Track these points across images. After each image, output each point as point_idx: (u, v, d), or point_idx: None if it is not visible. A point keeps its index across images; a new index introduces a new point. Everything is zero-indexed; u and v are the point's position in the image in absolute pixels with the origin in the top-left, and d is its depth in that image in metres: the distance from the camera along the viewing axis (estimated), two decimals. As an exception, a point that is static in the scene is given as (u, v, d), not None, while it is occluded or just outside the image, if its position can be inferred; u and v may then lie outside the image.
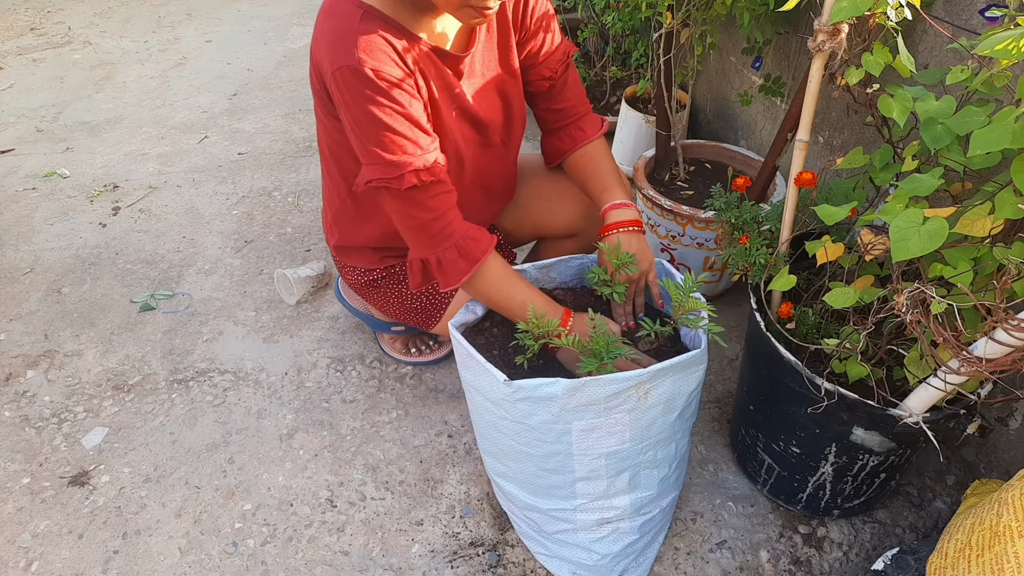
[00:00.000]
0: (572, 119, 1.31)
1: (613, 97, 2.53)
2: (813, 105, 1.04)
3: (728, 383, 1.61)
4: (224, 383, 1.61)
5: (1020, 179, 0.77)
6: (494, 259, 1.12)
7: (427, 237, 1.10)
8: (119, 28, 3.59)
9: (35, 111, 2.80)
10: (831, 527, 1.30)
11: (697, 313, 1.06)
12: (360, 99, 1.00)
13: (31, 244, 2.06)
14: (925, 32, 1.27)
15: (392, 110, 1.01)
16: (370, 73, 0.98)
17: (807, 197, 1.18)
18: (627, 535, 1.14)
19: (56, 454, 1.45)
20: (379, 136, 1.02)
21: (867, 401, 1.02)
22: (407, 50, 1.04)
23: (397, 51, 1.02)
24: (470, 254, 1.10)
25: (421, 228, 1.10)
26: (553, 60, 1.24)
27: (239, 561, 1.27)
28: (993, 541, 0.82)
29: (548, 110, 1.31)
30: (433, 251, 1.11)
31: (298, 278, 1.79)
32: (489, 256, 1.12)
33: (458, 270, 1.11)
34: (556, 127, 1.33)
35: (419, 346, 1.64)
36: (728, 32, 1.99)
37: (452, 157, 1.18)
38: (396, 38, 1.02)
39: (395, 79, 1.00)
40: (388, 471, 1.42)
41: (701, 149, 1.87)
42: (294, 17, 3.74)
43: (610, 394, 0.95)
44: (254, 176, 2.38)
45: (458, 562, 1.26)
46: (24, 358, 1.68)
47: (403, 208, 1.08)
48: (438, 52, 1.09)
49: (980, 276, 0.88)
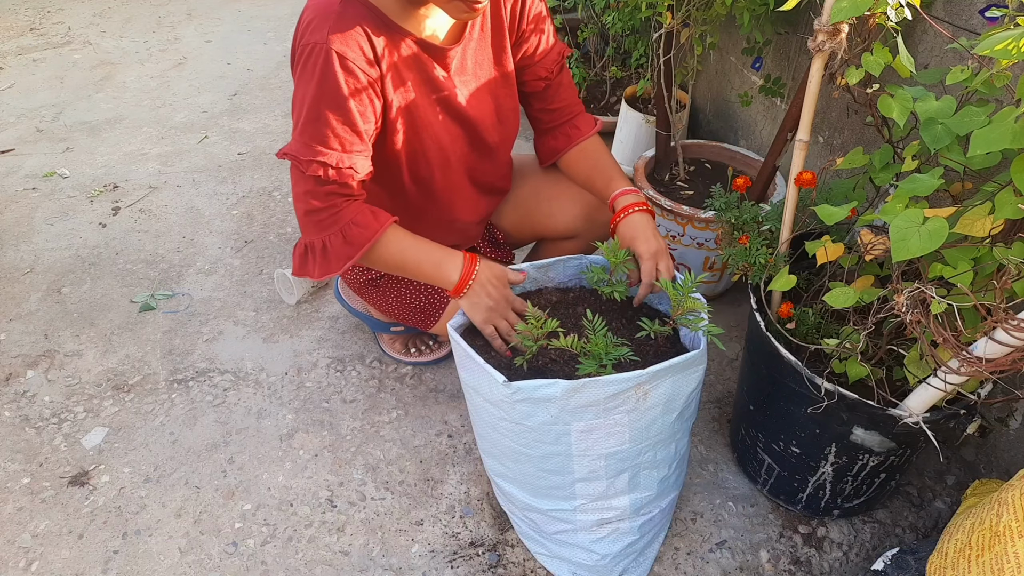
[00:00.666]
0: (566, 118, 1.32)
1: (613, 97, 2.53)
2: (813, 105, 1.04)
3: (728, 383, 1.61)
4: (224, 383, 1.61)
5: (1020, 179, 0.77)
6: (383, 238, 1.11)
7: (315, 223, 1.11)
8: (119, 28, 3.60)
9: (35, 111, 2.80)
10: (831, 527, 1.30)
11: (696, 313, 1.06)
12: (312, 77, 1.00)
13: (31, 244, 2.06)
14: (925, 32, 1.26)
15: (335, 103, 1.01)
16: (334, 57, 0.99)
17: (807, 197, 1.18)
18: (627, 535, 1.14)
19: (56, 454, 1.46)
20: (311, 119, 1.02)
21: (867, 401, 1.02)
22: (386, 46, 1.04)
23: (373, 46, 1.02)
24: (355, 240, 1.10)
25: (310, 213, 1.10)
26: (548, 60, 1.25)
27: (239, 561, 1.27)
28: (993, 541, 0.82)
29: (543, 110, 1.31)
30: (319, 235, 1.11)
31: (298, 278, 1.79)
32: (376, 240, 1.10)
33: (343, 255, 1.11)
34: (550, 127, 1.33)
35: (419, 346, 1.64)
36: (728, 32, 1.99)
37: (434, 153, 1.19)
38: (375, 33, 1.02)
39: (354, 72, 1.00)
40: (388, 471, 1.42)
41: (701, 149, 1.87)
42: (294, 17, 3.74)
43: (609, 395, 0.95)
44: (254, 176, 2.38)
45: (458, 562, 1.26)
46: (24, 358, 1.68)
47: (301, 189, 1.09)
48: (423, 45, 1.08)
49: (980, 276, 0.88)
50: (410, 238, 1.14)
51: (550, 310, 1.19)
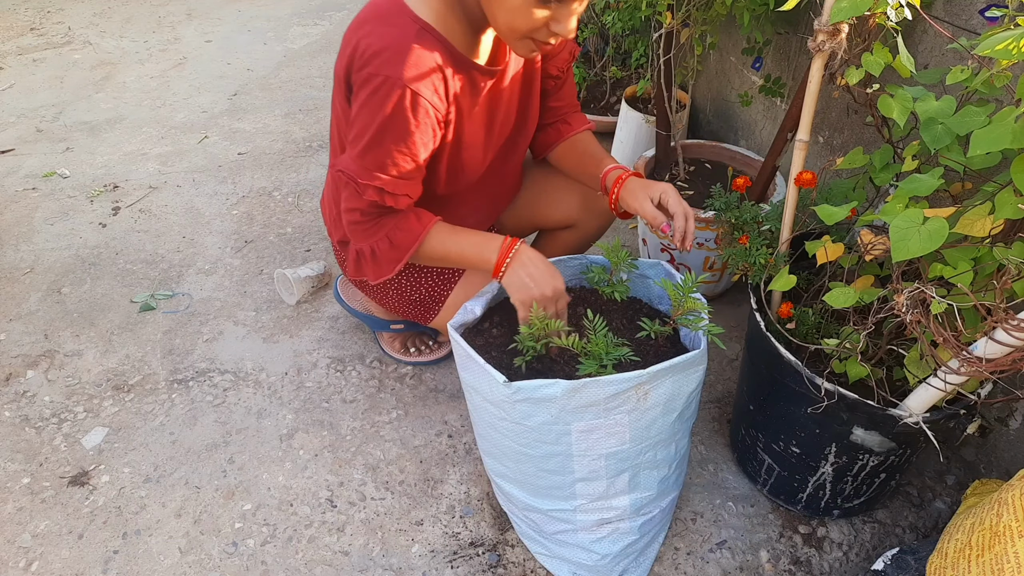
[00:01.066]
0: (561, 116, 1.35)
1: (613, 97, 2.53)
2: (813, 105, 1.04)
3: (728, 383, 1.61)
4: (224, 383, 1.61)
5: (1020, 179, 0.77)
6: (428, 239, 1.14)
7: (361, 231, 1.14)
8: (119, 28, 3.60)
9: (35, 111, 2.80)
10: (831, 527, 1.30)
11: (697, 313, 1.06)
12: (380, 109, 1.00)
13: (31, 244, 2.06)
14: (925, 32, 1.26)
15: (400, 137, 1.03)
16: (408, 96, 0.99)
17: (807, 197, 1.18)
18: (627, 535, 1.14)
19: (56, 454, 1.45)
20: (374, 145, 1.04)
21: (867, 401, 1.02)
22: (453, 77, 1.05)
23: (445, 81, 1.04)
24: (401, 244, 1.13)
25: (356, 224, 1.13)
26: (560, 60, 1.26)
27: (239, 561, 1.27)
28: (993, 541, 0.82)
29: (543, 107, 1.33)
30: (367, 242, 1.15)
31: (298, 278, 1.80)
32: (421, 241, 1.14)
33: (391, 259, 1.15)
34: (545, 123, 1.36)
35: (419, 345, 1.64)
36: (728, 32, 1.99)
37: (471, 169, 1.21)
38: (446, 66, 1.03)
39: (426, 109, 1.02)
40: (388, 471, 1.42)
41: (701, 149, 1.87)
42: (294, 17, 3.74)
43: (609, 395, 0.95)
44: (254, 176, 2.38)
45: (458, 562, 1.26)
46: (24, 358, 1.68)
47: (352, 204, 1.11)
48: (480, 70, 1.10)
49: (980, 276, 0.88)
50: (451, 232, 1.16)
51: (550, 310, 1.19)
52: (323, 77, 3.07)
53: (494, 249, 1.13)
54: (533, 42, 1.00)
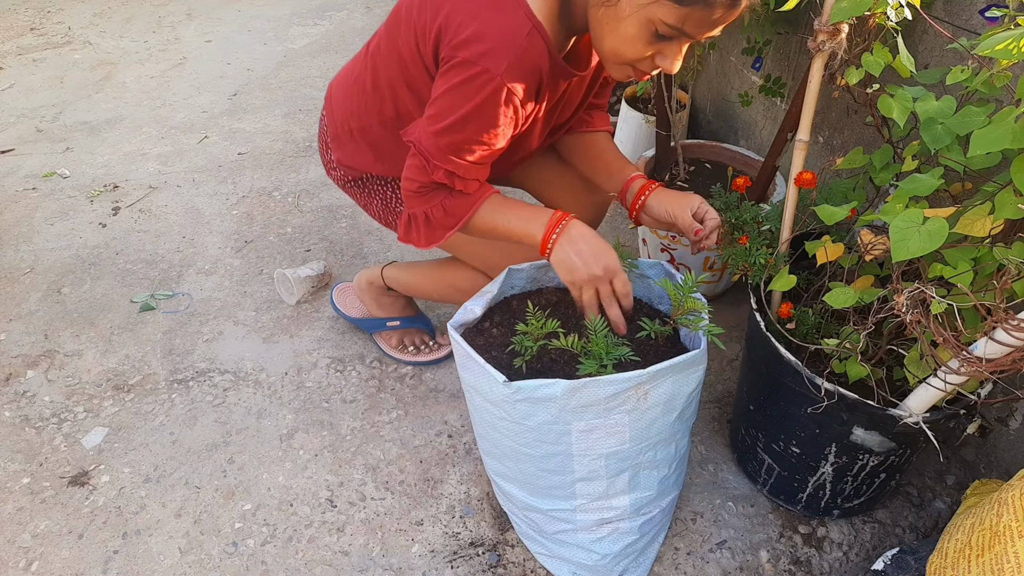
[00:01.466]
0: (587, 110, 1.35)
1: (613, 97, 2.53)
2: (813, 105, 1.04)
3: (728, 383, 1.61)
4: (224, 383, 1.61)
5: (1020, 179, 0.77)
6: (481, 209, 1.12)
7: (418, 195, 1.12)
8: (119, 28, 3.59)
9: (35, 111, 2.80)
10: (831, 527, 1.30)
11: (697, 313, 1.06)
12: (472, 98, 0.98)
13: (31, 244, 2.06)
14: (925, 32, 1.26)
15: (486, 128, 1.01)
16: (503, 93, 0.97)
17: (807, 197, 1.18)
18: (627, 535, 1.14)
19: (56, 454, 1.45)
20: (457, 129, 1.01)
21: (867, 401, 1.02)
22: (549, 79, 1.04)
23: (541, 82, 1.03)
24: (455, 211, 1.12)
25: (415, 192, 1.12)
26: None
27: (239, 561, 1.27)
28: (993, 541, 0.82)
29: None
30: (422, 207, 1.13)
31: (298, 278, 1.80)
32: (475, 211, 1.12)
33: (444, 225, 1.13)
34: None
35: (416, 343, 1.65)
36: (728, 32, 1.99)
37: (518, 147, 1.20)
38: (546, 67, 1.01)
39: (517, 106, 1.01)
40: (388, 471, 1.42)
41: (701, 149, 1.87)
42: (294, 17, 3.74)
43: (609, 395, 0.95)
44: (254, 176, 2.38)
45: (458, 562, 1.26)
46: (24, 358, 1.68)
47: (416, 174, 1.09)
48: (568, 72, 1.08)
49: (980, 276, 0.88)
50: (503, 204, 1.13)
51: (550, 310, 1.19)
52: (323, 77, 3.07)
53: (541, 224, 1.08)
54: (633, 70, 0.99)
